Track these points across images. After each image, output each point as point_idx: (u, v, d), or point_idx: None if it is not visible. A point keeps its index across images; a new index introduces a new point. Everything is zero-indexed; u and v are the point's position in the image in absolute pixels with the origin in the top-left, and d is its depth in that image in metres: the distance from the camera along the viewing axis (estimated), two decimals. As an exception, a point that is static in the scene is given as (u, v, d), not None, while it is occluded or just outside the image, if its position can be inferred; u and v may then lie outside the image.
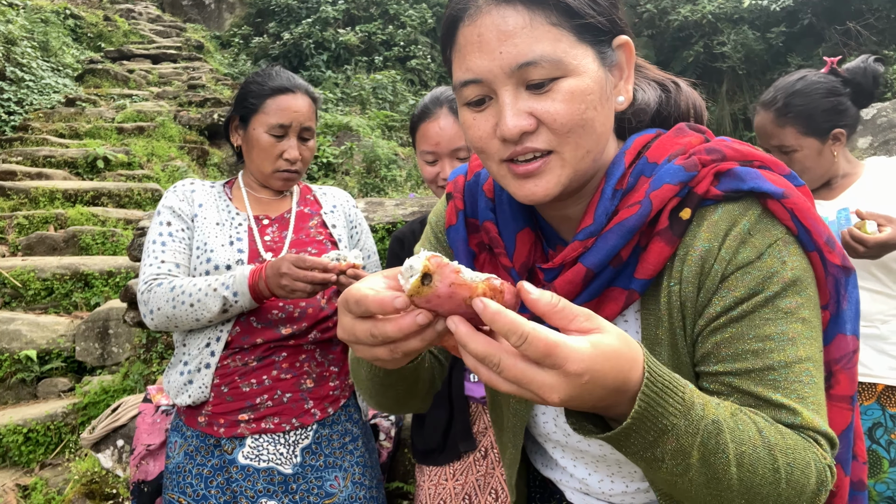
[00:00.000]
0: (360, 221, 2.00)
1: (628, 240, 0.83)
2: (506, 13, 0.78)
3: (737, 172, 0.83)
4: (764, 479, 0.73)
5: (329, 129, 8.48)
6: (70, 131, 7.85)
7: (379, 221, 3.43)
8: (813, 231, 0.82)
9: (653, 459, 0.69)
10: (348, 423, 1.81)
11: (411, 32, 12.61)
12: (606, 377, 0.63)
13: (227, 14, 13.97)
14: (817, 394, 0.80)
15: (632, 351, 0.66)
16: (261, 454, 1.69)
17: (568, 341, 0.61)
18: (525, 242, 0.92)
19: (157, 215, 1.83)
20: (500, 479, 1.80)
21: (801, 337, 0.80)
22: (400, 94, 10.84)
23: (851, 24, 10.94)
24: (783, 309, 0.80)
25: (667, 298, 0.84)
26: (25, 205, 6.01)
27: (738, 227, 0.81)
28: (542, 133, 0.81)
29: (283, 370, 1.72)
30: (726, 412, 0.73)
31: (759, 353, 0.79)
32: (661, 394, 0.67)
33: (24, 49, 8.73)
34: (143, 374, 3.58)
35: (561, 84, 0.79)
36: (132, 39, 11.94)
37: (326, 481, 1.73)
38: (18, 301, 4.56)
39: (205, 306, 1.64)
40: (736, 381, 0.80)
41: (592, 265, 0.84)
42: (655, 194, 0.82)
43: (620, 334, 0.66)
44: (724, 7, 12.41)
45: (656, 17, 13.24)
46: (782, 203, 0.81)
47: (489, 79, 0.80)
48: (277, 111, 1.80)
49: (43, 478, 3.25)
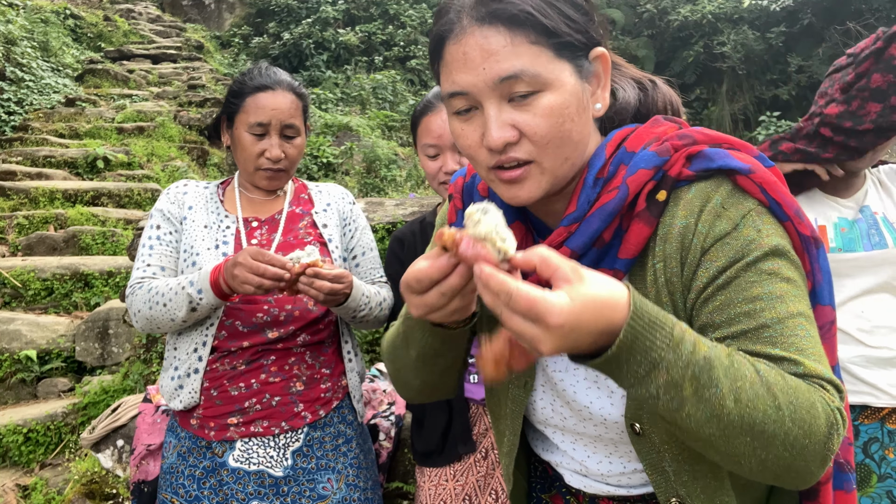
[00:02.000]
0: (355, 217, 1.94)
1: (609, 223, 0.88)
2: (488, 33, 0.85)
3: (706, 153, 0.88)
4: (766, 415, 0.75)
5: (329, 129, 8.48)
6: (70, 131, 7.85)
7: (379, 221, 3.42)
8: (783, 203, 0.87)
9: (648, 397, 0.75)
10: (341, 424, 1.79)
11: (411, 32, 12.61)
12: (588, 323, 0.70)
13: (227, 14, 13.97)
14: (815, 346, 0.83)
15: (613, 295, 0.72)
16: (251, 457, 1.68)
17: (547, 296, 0.68)
18: (516, 235, 0.97)
19: (150, 218, 1.83)
20: (501, 480, 1.80)
21: (789, 294, 0.83)
22: (400, 94, 10.84)
23: (851, 24, 10.94)
24: (766, 270, 0.84)
25: (653, 276, 0.89)
26: (25, 205, 6.01)
27: (712, 202, 0.86)
28: (523, 144, 0.87)
29: (272, 373, 1.70)
30: (722, 352, 0.76)
31: (751, 314, 0.83)
32: (648, 328, 0.72)
33: (24, 49, 8.73)
34: (143, 374, 3.58)
35: (540, 99, 0.86)
36: (132, 39, 11.94)
37: (319, 483, 1.71)
38: (18, 301, 4.56)
39: (175, 305, 1.63)
40: (735, 345, 0.83)
41: (576, 247, 0.90)
42: (632, 179, 0.87)
43: (602, 282, 0.72)
44: (724, 7, 12.41)
45: (656, 17, 13.24)
46: (750, 178, 0.87)
47: (474, 92, 0.87)
48: (256, 109, 1.76)
49: (43, 478, 3.25)
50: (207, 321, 1.70)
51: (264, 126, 1.76)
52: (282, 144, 1.78)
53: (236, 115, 1.79)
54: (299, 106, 1.83)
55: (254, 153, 1.76)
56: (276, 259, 1.53)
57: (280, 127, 1.77)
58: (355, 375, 1.84)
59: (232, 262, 1.55)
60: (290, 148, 1.80)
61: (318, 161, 7.58)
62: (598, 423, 0.96)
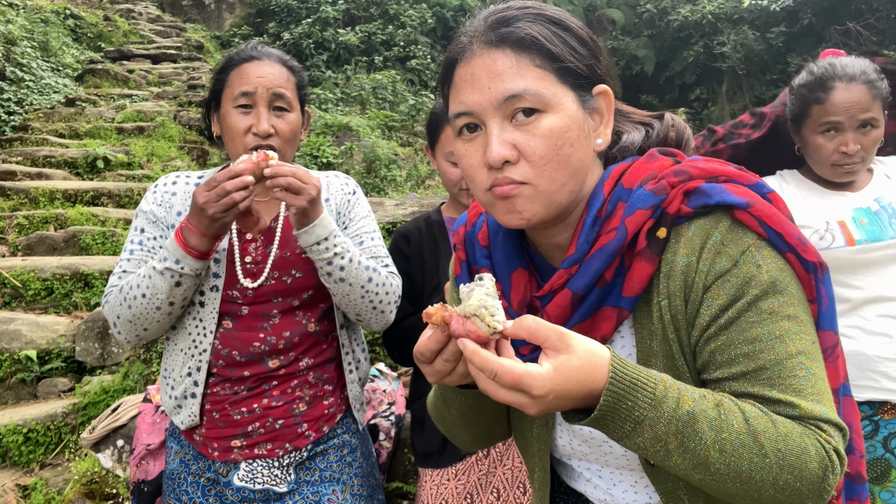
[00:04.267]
0: (353, 206, 1.76)
1: (609, 263, 0.90)
2: (496, 56, 0.90)
3: (703, 189, 0.90)
4: (752, 464, 0.79)
5: (329, 129, 8.47)
6: (70, 131, 7.84)
7: (379, 221, 3.42)
8: (784, 234, 0.88)
9: (637, 447, 0.80)
10: (346, 434, 1.74)
11: (411, 32, 12.60)
12: (570, 391, 0.76)
13: (227, 14, 13.96)
14: (816, 384, 0.85)
15: (595, 364, 0.77)
16: (255, 477, 1.64)
17: (530, 370, 0.75)
18: (520, 281, 1.01)
19: (135, 218, 1.69)
20: (502, 478, 1.80)
21: (790, 333, 0.85)
22: (400, 94, 10.83)
23: (851, 24, 10.93)
24: (766, 310, 0.86)
25: (658, 313, 0.91)
26: (25, 205, 6.00)
27: (712, 239, 0.88)
28: (521, 165, 0.90)
29: (275, 398, 1.63)
30: (709, 403, 0.80)
31: (751, 356, 0.85)
32: (630, 390, 0.77)
33: (24, 49, 8.72)
34: (143, 374, 3.58)
35: (541, 120, 0.89)
36: (132, 39, 11.93)
37: (324, 496, 1.66)
38: (18, 301, 4.56)
39: (155, 289, 1.49)
40: (735, 385, 0.86)
41: (578, 289, 0.92)
42: (630, 220, 0.90)
43: (586, 351, 0.77)
44: (724, 7, 12.40)
45: (656, 17, 13.23)
46: (749, 212, 0.88)
47: (479, 111, 0.90)
48: (240, 80, 1.58)
49: (43, 478, 3.24)
50: (200, 346, 1.61)
51: (249, 96, 1.57)
52: (271, 118, 1.58)
53: (222, 94, 1.62)
54: (290, 79, 1.65)
55: (240, 131, 1.57)
56: (225, 173, 1.39)
57: (268, 97, 1.58)
58: (356, 387, 1.76)
59: (190, 211, 1.43)
60: (280, 122, 1.60)
61: (318, 161, 7.58)
62: (619, 454, 0.99)
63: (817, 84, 1.84)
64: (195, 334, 1.63)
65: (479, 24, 0.94)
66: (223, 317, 1.61)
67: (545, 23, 0.92)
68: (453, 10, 13.22)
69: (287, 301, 1.63)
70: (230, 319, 1.61)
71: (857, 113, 1.78)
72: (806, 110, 1.86)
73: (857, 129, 1.80)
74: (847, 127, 1.79)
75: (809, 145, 1.88)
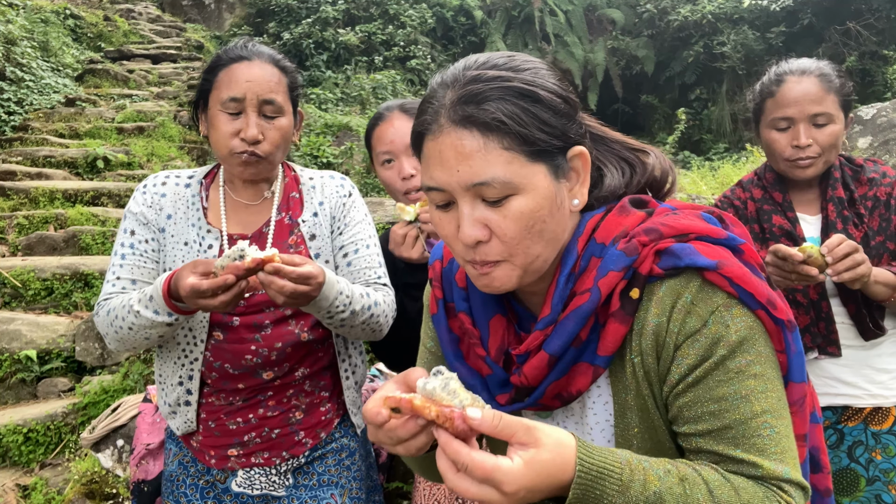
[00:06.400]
0: (348, 210, 1.69)
1: (584, 324, 0.92)
2: (463, 135, 0.87)
3: (673, 250, 0.90)
4: None
5: (329, 129, 8.48)
6: (70, 131, 7.84)
7: (379, 221, 3.43)
8: (755, 293, 0.89)
9: None
10: (344, 438, 1.72)
11: (411, 32, 12.60)
12: (540, 486, 0.77)
13: (227, 14, 13.96)
14: (780, 442, 0.88)
15: (563, 456, 0.78)
16: (253, 483, 1.64)
17: (502, 466, 0.75)
18: (497, 328, 1.02)
19: (123, 220, 1.61)
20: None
21: (755, 392, 0.88)
22: (400, 94, 10.83)
23: (851, 24, 10.94)
24: (733, 369, 0.88)
25: (631, 369, 0.93)
26: (25, 205, 6.00)
27: (682, 299, 0.89)
28: (493, 243, 0.90)
29: (270, 408, 1.61)
30: (674, 480, 0.82)
31: (716, 414, 0.88)
32: (597, 480, 0.79)
33: (24, 49, 8.72)
34: (143, 374, 3.58)
35: (511, 202, 0.88)
36: (132, 39, 11.93)
37: (322, 500, 1.65)
38: (18, 301, 4.56)
39: (141, 327, 1.45)
40: (700, 442, 0.89)
41: (553, 351, 0.93)
42: (603, 282, 0.91)
43: (555, 444, 0.78)
44: (724, 7, 12.40)
45: (656, 17, 13.23)
46: (719, 273, 0.88)
47: (449, 189, 0.90)
48: (229, 83, 1.52)
49: (43, 478, 3.25)
50: (190, 355, 1.58)
51: (238, 102, 1.51)
52: (260, 124, 1.53)
53: (210, 94, 1.57)
54: (282, 81, 1.58)
55: (227, 134, 1.52)
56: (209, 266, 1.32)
57: (257, 103, 1.52)
58: (352, 392, 1.74)
59: (174, 283, 1.37)
60: (270, 129, 1.54)
61: (318, 161, 7.58)
62: None
63: (771, 79, 1.84)
64: (184, 343, 1.59)
65: (448, 96, 0.89)
66: (214, 328, 1.57)
67: (514, 98, 0.87)
68: (453, 10, 13.23)
69: (279, 310, 1.58)
70: (221, 331, 1.57)
71: (808, 105, 1.74)
72: (761, 105, 1.86)
73: (811, 124, 1.76)
74: (799, 120, 1.76)
75: (765, 141, 1.87)
